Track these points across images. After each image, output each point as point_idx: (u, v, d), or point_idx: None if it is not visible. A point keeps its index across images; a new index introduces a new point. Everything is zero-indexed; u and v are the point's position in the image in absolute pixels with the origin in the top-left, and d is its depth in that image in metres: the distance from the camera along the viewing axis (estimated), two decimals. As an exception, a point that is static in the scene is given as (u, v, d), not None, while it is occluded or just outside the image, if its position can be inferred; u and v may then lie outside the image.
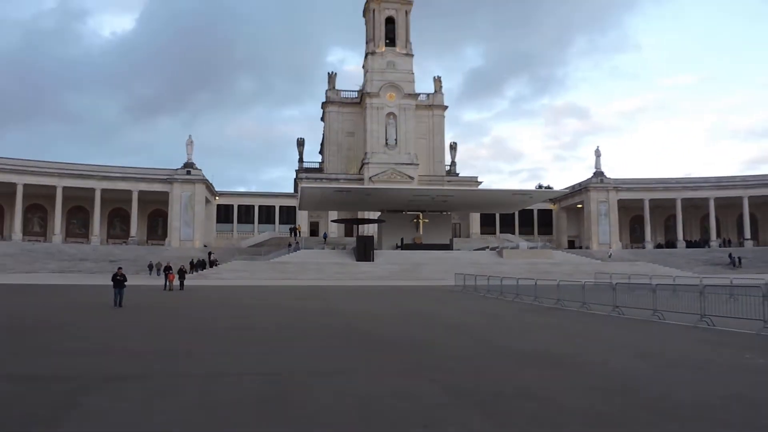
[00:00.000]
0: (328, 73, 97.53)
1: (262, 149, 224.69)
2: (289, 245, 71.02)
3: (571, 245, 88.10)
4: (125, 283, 26.79)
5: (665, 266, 63.34)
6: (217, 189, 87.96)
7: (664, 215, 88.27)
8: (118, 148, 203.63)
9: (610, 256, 72.85)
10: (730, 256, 72.04)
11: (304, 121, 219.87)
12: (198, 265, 62.48)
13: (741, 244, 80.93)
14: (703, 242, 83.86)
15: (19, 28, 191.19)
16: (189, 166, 79.61)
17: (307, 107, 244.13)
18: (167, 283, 40.54)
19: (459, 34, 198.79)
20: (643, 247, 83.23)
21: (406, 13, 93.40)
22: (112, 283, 26.72)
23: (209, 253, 69.63)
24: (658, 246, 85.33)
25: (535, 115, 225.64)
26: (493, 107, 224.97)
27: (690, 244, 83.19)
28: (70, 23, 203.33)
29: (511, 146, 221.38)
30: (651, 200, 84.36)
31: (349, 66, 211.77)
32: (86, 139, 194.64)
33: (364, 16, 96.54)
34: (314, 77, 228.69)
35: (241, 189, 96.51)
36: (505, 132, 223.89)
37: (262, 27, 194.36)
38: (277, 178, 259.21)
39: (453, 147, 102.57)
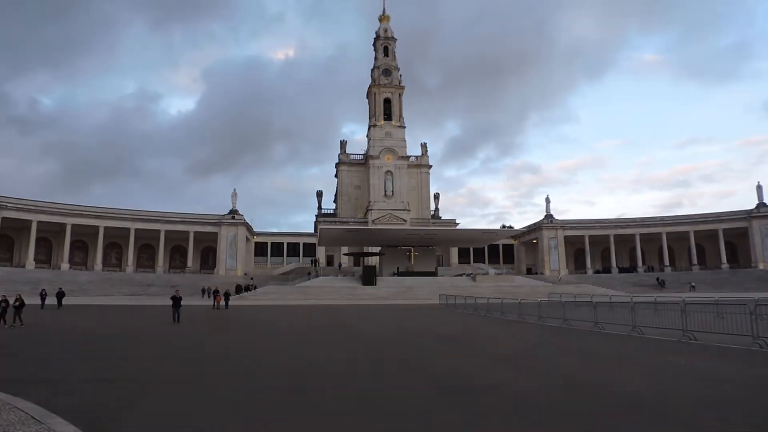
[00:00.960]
0: (341, 141, 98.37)
1: (290, 199, 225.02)
2: (309, 274, 70.52)
3: (529, 271, 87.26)
4: (181, 303, 26.43)
5: (603, 287, 62.69)
6: (255, 230, 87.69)
7: (600, 247, 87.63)
8: (179, 199, 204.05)
9: (560, 280, 72.21)
10: (657, 279, 71.29)
11: (323, 177, 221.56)
12: (239, 289, 61.83)
13: (662, 270, 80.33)
14: (632, 268, 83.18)
15: (107, 107, 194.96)
16: (233, 212, 79.57)
17: (326, 166, 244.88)
18: (215, 303, 40.12)
19: (442, 110, 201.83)
20: (585, 273, 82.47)
21: (399, 95, 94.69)
22: (171, 302, 26.38)
23: (251, 279, 69.17)
24: (597, 271, 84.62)
25: (500, 171, 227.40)
26: (467, 166, 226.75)
27: (622, 270, 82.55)
28: (146, 104, 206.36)
29: (481, 195, 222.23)
30: (590, 236, 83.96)
31: (358, 136, 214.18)
32: (155, 192, 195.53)
33: (367, 98, 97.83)
34: (331, 143, 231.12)
35: (274, 230, 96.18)
36: (476, 185, 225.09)
37: (294, 106, 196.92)
38: (301, 221, 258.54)
39: (436, 196, 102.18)
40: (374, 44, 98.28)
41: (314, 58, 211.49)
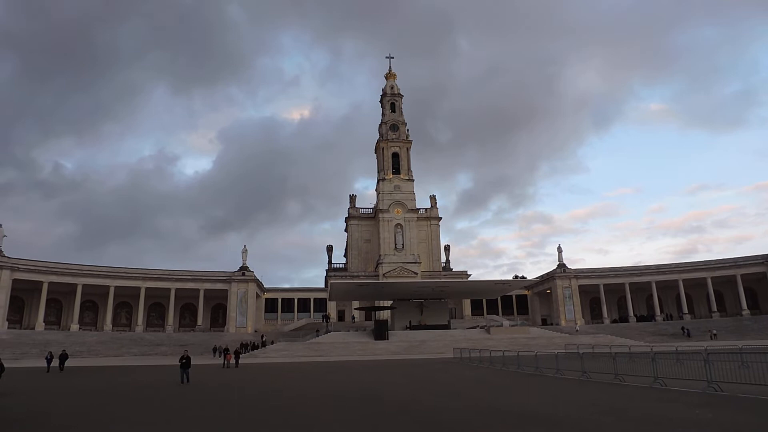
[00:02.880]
0: (350, 196, 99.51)
1: (302, 254, 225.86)
2: (317, 331, 69.52)
3: (544, 322, 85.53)
4: (190, 363, 25.88)
5: (621, 337, 61.22)
6: (265, 286, 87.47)
7: (616, 296, 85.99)
8: (194, 257, 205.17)
9: (577, 330, 70.64)
10: (682, 329, 69.28)
11: (334, 232, 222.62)
12: (248, 347, 60.76)
13: (681, 318, 78.37)
14: (650, 317, 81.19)
15: (126, 169, 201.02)
16: (243, 269, 79.55)
17: (337, 222, 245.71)
18: (225, 362, 39.54)
19: (454, 163, 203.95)
20: (602, 323, 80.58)
21: (407, 149, 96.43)
22: (180, 363, 25.89)
23: (262, 336, 68.38)
24: (614, 321, 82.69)
25: (512, 222, 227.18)
26: (479, 218, 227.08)
27: (639, 319, 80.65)
28: (164, 165, 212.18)
29: (493, 247, 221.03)
30: (605, 285, 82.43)
31: (370, 191, 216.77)
32: (170, 251, 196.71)
33: (375, 152, 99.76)
34: (344, 199, 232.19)
35: (285, 285, 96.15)
36: (488, 236, 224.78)
37: (308, 164, 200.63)
38: (313, 277, 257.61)
39: (447, 248, 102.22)
40: (381, 101, 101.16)
41: (328, 117, 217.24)
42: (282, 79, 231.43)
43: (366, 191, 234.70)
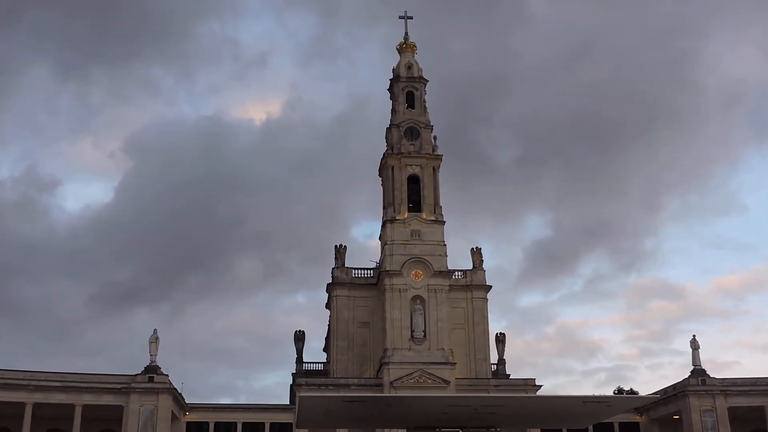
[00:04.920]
0: (335, 247, 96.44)
1: (256, 348, 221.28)
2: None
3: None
4: None
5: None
6: (189, 401, 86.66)
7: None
8: (77, 349, 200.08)
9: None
10: None
11: (311, 310, 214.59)
12: None
13: None
14: None
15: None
16: (152, 371, 78.69)
17: (318, 292, 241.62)
18: None
19: (519, 197, 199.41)
20: (773, 474, 77.71)
21: (434, 169, 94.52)
22: None
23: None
24: (795, 471, 79.73)
25: (615, 297, 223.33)
26: (560, 288, 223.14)
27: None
28: (36, 195, 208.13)
29: (582, 338, 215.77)
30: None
31: (372, 240, 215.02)
32: (37, 338, 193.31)
33: (380, 174, 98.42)
34: (328, 253, 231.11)
35: (224, 401, 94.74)
36: (574, 319, 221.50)
37: (273, 197, 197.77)
38: (273, 386, 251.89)
39: (500, 339, 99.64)
40: (391, 89, 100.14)
41: (311, 118, 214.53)
42: (238, 55, 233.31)
43: (367, 241, 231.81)
